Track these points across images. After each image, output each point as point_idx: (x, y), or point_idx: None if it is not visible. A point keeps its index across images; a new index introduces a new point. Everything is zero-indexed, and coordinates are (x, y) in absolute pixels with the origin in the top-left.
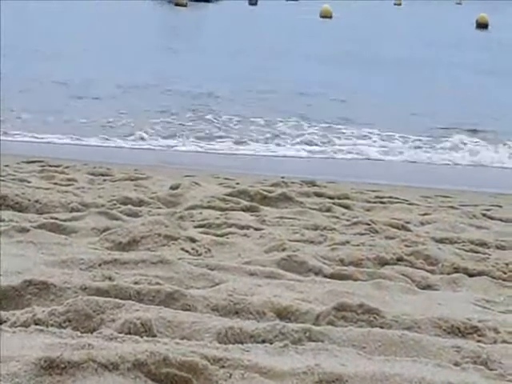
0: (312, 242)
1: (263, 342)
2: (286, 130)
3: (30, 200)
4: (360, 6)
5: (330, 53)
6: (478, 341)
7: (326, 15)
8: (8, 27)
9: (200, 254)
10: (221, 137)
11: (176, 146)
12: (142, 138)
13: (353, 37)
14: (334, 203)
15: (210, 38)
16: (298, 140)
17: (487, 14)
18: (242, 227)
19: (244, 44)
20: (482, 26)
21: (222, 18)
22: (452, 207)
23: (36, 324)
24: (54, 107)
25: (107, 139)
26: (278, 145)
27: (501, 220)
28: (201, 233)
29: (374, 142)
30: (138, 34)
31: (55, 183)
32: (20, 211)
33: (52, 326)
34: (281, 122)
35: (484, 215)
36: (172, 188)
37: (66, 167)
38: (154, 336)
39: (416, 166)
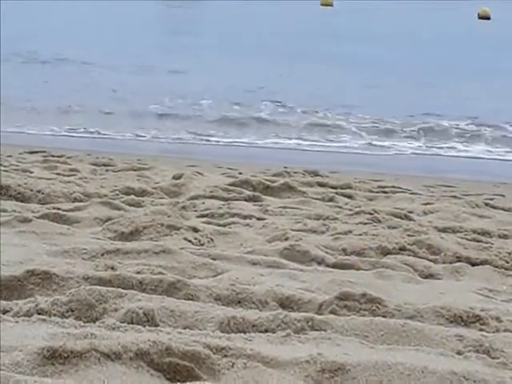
0: (314, 232)
1: (266, 331)
2: None
3: (32, 190)
4: None
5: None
6: (481, 330)
7: (326, 3)
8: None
9: (202, 244)
10: None
11: None
12: None
13: (352, 32)
14: (336, 193)
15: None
16: None
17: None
18: (245, 217)
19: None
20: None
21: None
22: (455, 196)
23: (39, 314)
24: None
25: None
26: None
27: (503, 209)
28: (203, 222)
29: None
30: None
31: (58, 173)
32: (22, 201)
33: (55, 315)
34: None
35: (487, 204)
36: (175, 178)
37: (69, 157)
38: (157, 325)
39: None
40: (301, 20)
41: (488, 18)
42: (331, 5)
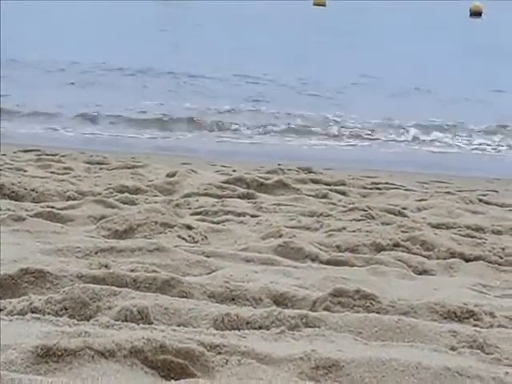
0: (308, 229)
1: (260, 328)
2: None
3: (26, 189)
4: None
5: None
6: (475, 325)
7: (319, 3)
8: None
9: (196, 242)
10: None
11: None
12: None
13: (344, 30)
14: (330, 190)
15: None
16: None
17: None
18: (239, 214)
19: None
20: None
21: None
22: (448, 193)
23: (32, 312)
24: None
25: None
26: None
27: (497, 205)
28: (197, 220)
29: None
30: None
31: (52, 172)
32: (16, 200)
33: (48, 314)
34: None
35: (480, 200)
36: (168, 176)
37: (63, 156)
38: (151, 323)
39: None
40: (293, 19)
41: (480, 13)
42: (324, 5)
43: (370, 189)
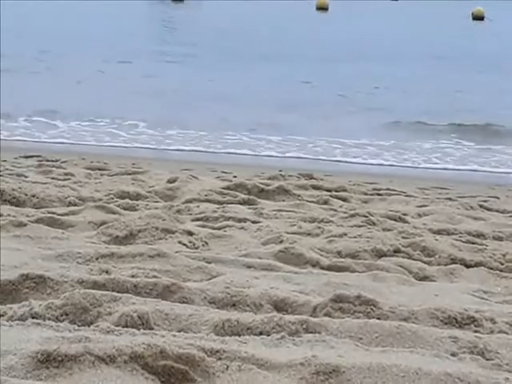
0: (309, 235)
1: (260, 333)
2: None
3: (27, 195)
4: None
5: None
6: (475, 331)
7: (321, 7)
8: None
9: (197, 247)
10: None
11: None
12: None
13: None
14: (331, 196)
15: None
16: None
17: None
18: (240, 220)
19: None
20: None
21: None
22: (449, 199)
23: (33, 318)
24: None
25: None
26: None
27: (498, 211)
28: (198, 226)
29: None
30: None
31: (52, 178)
32: (17, 206)
33: (49, 319)
34: None
35: (481, 206)
36: (169, 182)
37: (63, 162)
38: (151, 329)
39: None
40: (296, 24)
41: (482, 18)
42: (327, 9)
43: (371, 195)
